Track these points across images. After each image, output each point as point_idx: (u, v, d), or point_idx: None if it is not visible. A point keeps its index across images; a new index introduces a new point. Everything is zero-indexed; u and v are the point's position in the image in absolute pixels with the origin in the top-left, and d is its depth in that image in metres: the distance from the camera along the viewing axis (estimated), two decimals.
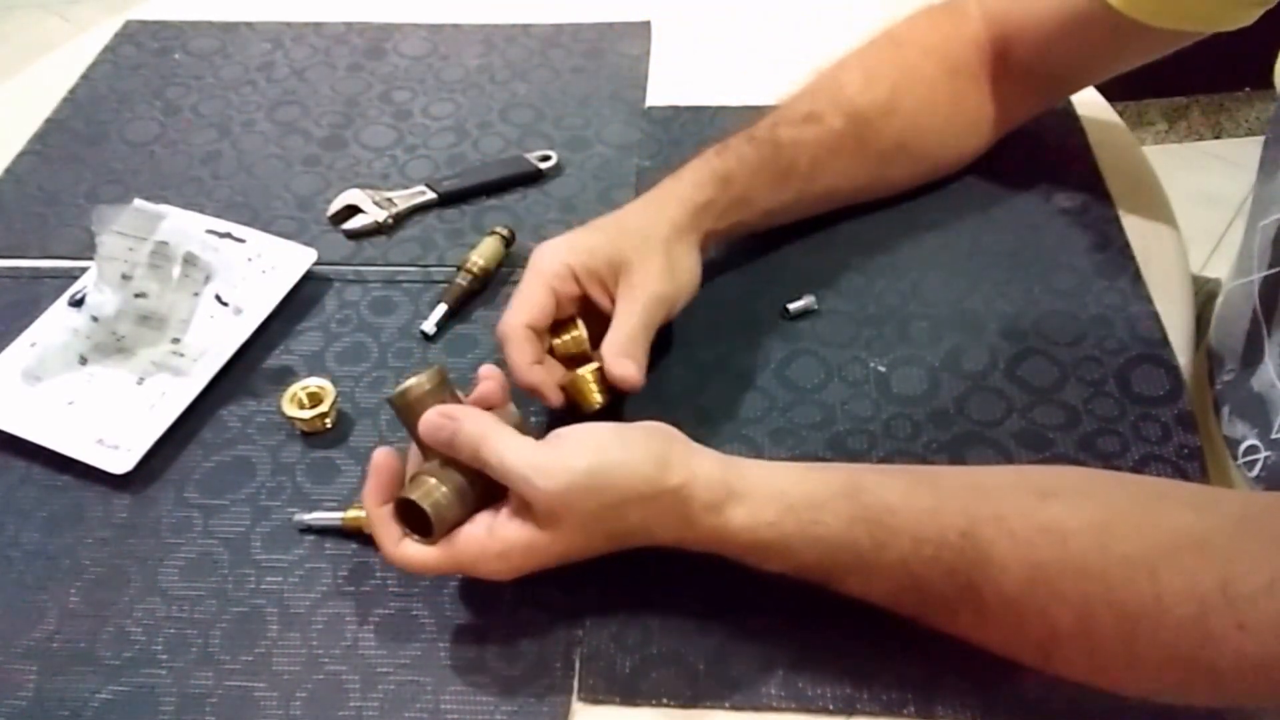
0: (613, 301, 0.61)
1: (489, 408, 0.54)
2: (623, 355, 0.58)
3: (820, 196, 0.71)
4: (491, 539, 0.50)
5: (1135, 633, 0.44)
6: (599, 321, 0.61)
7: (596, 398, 0.59)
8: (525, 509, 0.49)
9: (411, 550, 0.51)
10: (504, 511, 0.50)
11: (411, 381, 0.52)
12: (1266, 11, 0.62)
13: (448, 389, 0.53)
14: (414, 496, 0.50)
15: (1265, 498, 0.51)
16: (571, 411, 0.59)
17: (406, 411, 0.52)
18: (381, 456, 0.53)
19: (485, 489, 0.51)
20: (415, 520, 0.51)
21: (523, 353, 0.58)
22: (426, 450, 0.53)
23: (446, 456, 0.51)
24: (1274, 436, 0.61)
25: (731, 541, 0.50)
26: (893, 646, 0.52)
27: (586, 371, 0.59)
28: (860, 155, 0.70)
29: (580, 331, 0.61)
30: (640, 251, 0.61)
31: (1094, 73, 0.75)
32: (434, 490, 0.50)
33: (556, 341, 0.62)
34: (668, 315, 0.62)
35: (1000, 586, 0.46)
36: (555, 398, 0.59)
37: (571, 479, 0.48)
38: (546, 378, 0.59)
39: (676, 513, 0.49)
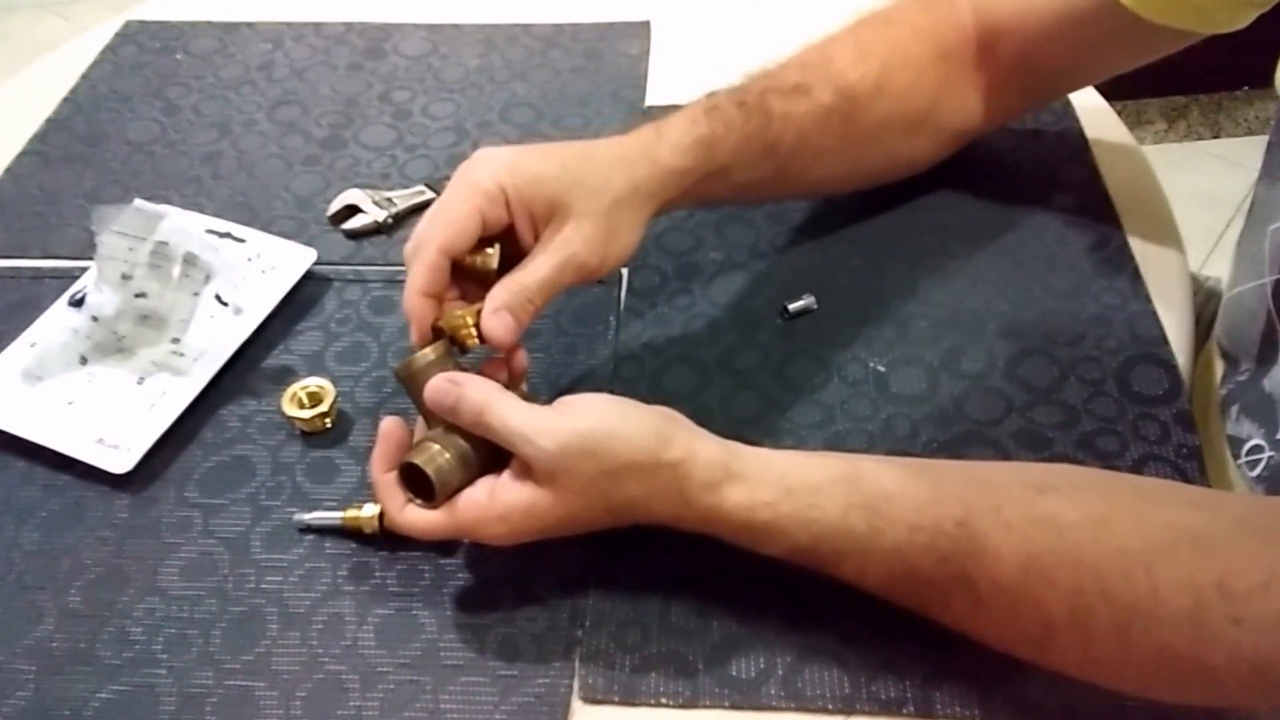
0: (536, 240, 0.56)
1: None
2: (504, 308, 0.54)
3: (796, 174, 0.67)
4: (492, 502, 0.50)
5: (1130, 626, 0.44)
6: (514, 255, 0.56)
7: (473, 342, 0.55)
8: (526, 471, 0.50)
9: (415, 515, 0.52)
10: (505, 475, 0.51)
11: (417, 353, 0.53)
12: (1266, 11, 0.62)
13: (452, 361, 0.54)
14: (417, 461, 0.51)
15: (1266, 501, 0.51)
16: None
17: (411, 382, 0.53)
18: (389, 424, 0.53)
19: (488, 455, 0.51)
20: (419, 485, 0.51)
21: (424, 278, 0.54)
22: (431, 420, 0.53)
23: (450, 425, 0.52)
24: (1279, 437, 0.61)
25: (727, 521, 0.50)
26: (892, 647, 0.52)
27: (468, 313, 0.54)
28: (844, 136, 0.67)
29: (494, 255, 0.56)
30: (585, 205, 0.56)
31: (1085, 74, 0.74)
32: (437, 455, 0.51)
33: (466, 257, 0.55)
34: (582, 281, 0.57)
35: (994, 575, 0.46)
36: (419, 336, 0.55)
37: (572, 439, 0.48)
38: (426, 318, 0.54)
39: (674, 489, 0.50)
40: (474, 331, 0.55)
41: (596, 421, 0.49)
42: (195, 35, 0.95)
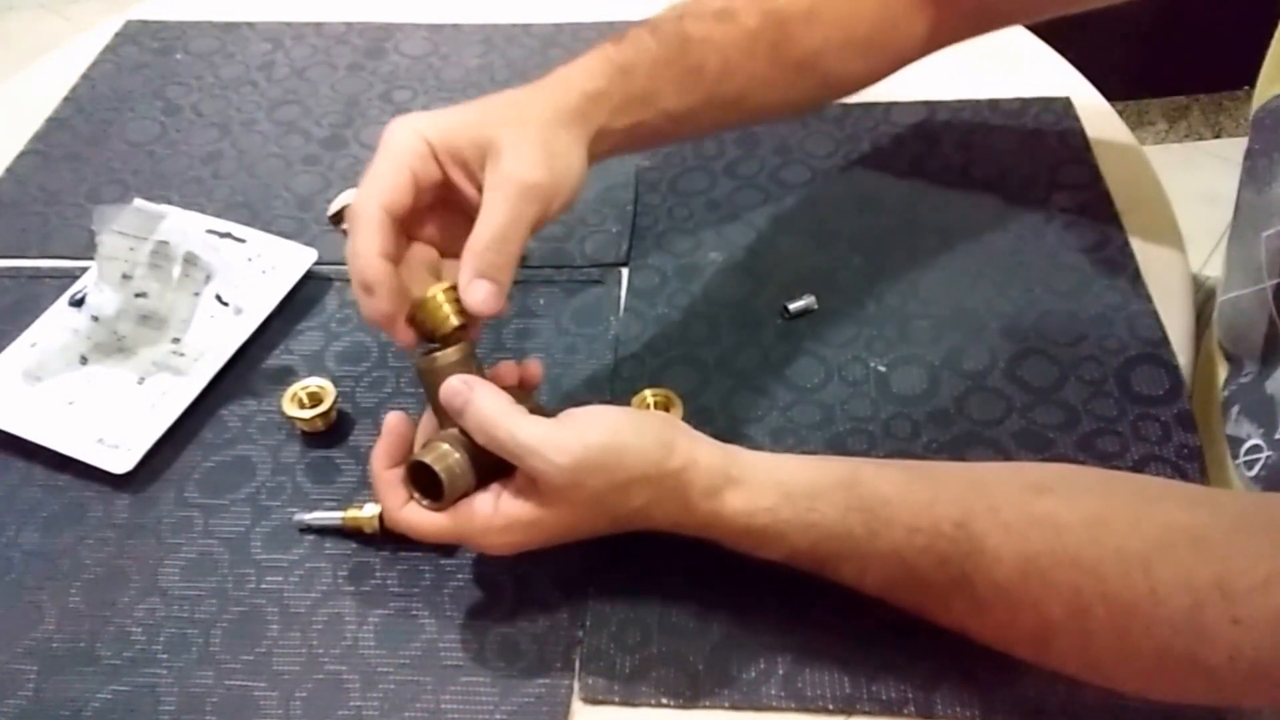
0: (479, 190, 0.53)
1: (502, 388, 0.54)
2: (479, 272, 0.50)
3: (730, 102, 0.63)
4: (496, 514, 0.50)
5: (1129, 626, 0.44)
6: (464, 221, 0.53)
7: (451, 321, 0.52)
8: (531, 487, 0.49)
9: (417, 515, 0.51)
10: (510, 488, 0.50)
11: (440, 351, 0.52)
12: (1262, 11, 0.62)
13: (474, 364, 0.53)
14: (428, 460, 0.50)
15: (1264, 498, 0.51)
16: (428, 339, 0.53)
17: (432, 379, 0.52)
18: (394, 419, 0.53)
19: (497, 462, 0.51)
20: (425, 485, 0.51)
21: (373, 237, 0.51)
22: (444, 419, 0.53)
23: (463, 426, 0.51)
24: (1278, 437, 0.61)
25: (727, 526, 0.50)
26: (893, 646, 0.52)
27: (438, 290, 0.51)
28: (774, 63, 0.64)
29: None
30: (512, 133, 0.53)
31: (1035, 12, 0.72)
32: (447, 456, 0.50)
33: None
34: (544, 213, 0.53)
35: (993, 577, 0.46)
36: (389, 306, 0.51)
37: (585, 455, 0.48)
38: (394, 280, 0.51)
39: (676, 496, 0.50)
40: (451, 313, 0.52)
41: (609, 436, 0.49)
42: (195, 35, 0.95)
